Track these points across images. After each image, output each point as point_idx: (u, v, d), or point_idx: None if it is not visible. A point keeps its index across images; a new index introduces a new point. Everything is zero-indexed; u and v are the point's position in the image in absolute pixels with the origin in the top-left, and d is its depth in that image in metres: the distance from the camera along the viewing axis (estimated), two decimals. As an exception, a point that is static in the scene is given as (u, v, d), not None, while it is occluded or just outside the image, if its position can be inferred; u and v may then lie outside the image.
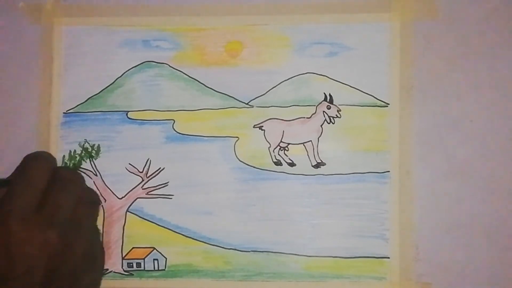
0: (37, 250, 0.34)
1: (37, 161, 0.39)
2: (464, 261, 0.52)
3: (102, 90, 0.56)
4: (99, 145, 0.55)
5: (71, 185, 0.38)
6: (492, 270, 0.51)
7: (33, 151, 0.39)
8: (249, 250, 0.53)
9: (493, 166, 0.52)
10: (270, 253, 0.53)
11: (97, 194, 0.41)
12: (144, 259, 0.53)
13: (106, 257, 0.53)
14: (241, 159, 0.54)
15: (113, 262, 0.54)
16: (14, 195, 0.35)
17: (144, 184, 0.55)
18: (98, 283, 0.41)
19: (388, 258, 0.52)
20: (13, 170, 0.57)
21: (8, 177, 0.40)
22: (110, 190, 0.55)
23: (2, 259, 0.33)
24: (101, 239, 0.41)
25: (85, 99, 0.56)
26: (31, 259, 0.34)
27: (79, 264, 0.36)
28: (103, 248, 0.41)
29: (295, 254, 0.53)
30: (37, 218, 0.35)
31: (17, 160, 0.57)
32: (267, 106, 0.54)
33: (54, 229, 0.35)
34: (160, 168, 0.54)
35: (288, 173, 0.54)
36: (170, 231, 0.54)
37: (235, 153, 0.54)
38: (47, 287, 0.34)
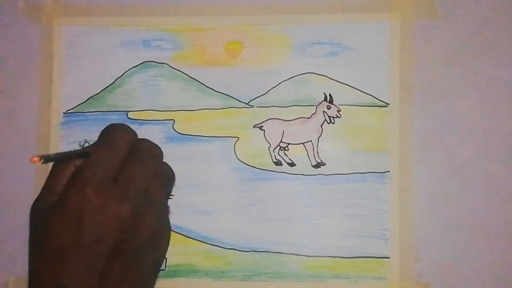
0: (109, 221, 0.34)
1: (118, 131, 0.39)
2: (464, 261, 0.52)
3: (102, 90, 0.56)
4: (99, 145, 0.55)
5: (149, 159, 0.38)
6: (492, 270, 0.51)
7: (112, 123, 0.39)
8: (249, 250, 0.53)
9: (493, 166, 0.52)
10: (270, 253, 0.53)
11: (172, 171, 0.41)
12: (144, 259, 0.53)
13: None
14: (241, 159, 0.54)
15: (113, 262, 0.54)
16: (94, 164, 0.35)
17: (144, 184, 0.54)
18: (161, 263, 0.41)
19: (388, 258, 0.52)
20: (13, 170, 0.57)
21: (88, 146, 0.40)
22: (110, 190, 0.54)
23: (73, 226, 0.33)
24: (169, 217, 0.40)
25: (85, 99, 0.56)
26: (102, 229, 0.34)
27: (146, 241, 0.36)
28: (170, 228, 0.41)
29: (295, 254, 0.53)
30: (113, 189, 0.35)
31: (17, 160, 0.57)
32: (267, 106, 0.54)
33: (127, 202, 0.35)
34: (160, 168, 0.54)
35: (288, 173, 0.54)
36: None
37: (235, 153, 0.54)
38: (113, 259, 0.34)
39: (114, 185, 0.35)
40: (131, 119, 0.55)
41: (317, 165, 0.53)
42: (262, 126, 0.54)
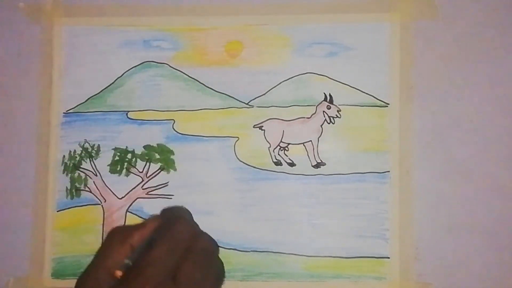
0: None
1: (181, 225, 0.38)
2: (464, 261, 0.52)
3: (102, 90, 0.56)
4: (99, 145, 0.55)
5: (207, 259, 0.38)
6: (492, 270, 0.51)
7: (173, 207, 0.40)
8: (249, 250, 0.53)
9: (493, 166, 0.52)
10: (270, 253, 0.53)
11: (224, 270, 0.40)
12: (144, 259, 0.53)
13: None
14: (241, 159, 0.54)
15: (113, 262, 0.54)
16: (155, 262, 0.35)
17: (144, 184, 0.55)
18: None
19: (388, 258, 0.52)
20: (13, 169, 0.57)
21: (148, 237, 0.39)
22: (110, 190, 0.55)
23: None
24: None
25: (85, 99, 0.56)
26: None
27: None
28: None
29: (295, 254, 0.53)
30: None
31: (17, 160, 0.57)
32: (267, 106, 0.54)
33: None
34: (160, 168, 0.54)
35: (288, 173, 0.54)
36: (170, 231, 0.54)
37: (235, 153, 0.54)
38: None
39: (173, 285, 0.35)
40: (131, 119, 0.55)
41: (317, 165, 0.53)
42: (262, 126, 0.54)
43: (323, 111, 0.54)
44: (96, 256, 0.36)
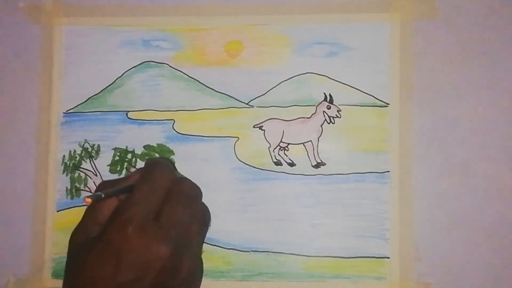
0: (148, 263, 0.34)
1: (161, 170, 0.38)
2: (464, 261, 0.52)
3: (102, 90, 0.56)
4: (99, 145, 0.55)
5: (190, 201, 0.38)
6: (492, 270, 0.51)
7: (156, 157, 0.40)
8: (249, 250, 0.53)
9: (493, 166, 0.52)
10: (270, 253, 0.53)
11: (209, 214, 0.41)
12: (144, 259, 0.53)
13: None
14: (241, 159, 0.54)
15: (113, 262, 0.54)
16: (136, 202, 0.35)
17: (144, 184, 0.54)
18: None
19: (388, 258, 0.52)
20: (13, 169, 0.57)
21: (131, 178, 0.40)
22: (110, 190, 0.55)
23: (111, 263, 0.33)
24: (201, 259, 0.40)
25: (85, 99, 0.56)
26: (140, 270, 0.33)
27: (181, 282, 0.36)
28: (202, 269, 0.41)
29: (295, 254, 0.53)
30: (154, 229, 0.35)
31: (17, 160, 0.57)
32: (267, 106, 0.54)
33: (168, 243, 0.34)
34: (160, 168, 0.55)
35: (288, 173, 0.54)
36: (170, 231, 0.54)
37: (235, 153, 0.54)
38: None
39: (156, 225, 0.35)
40: (131, 119, 0.55)
41: (317, 165, 0.53)
42: (262, 126, 0.54)
43: (323, 111, 0.54)
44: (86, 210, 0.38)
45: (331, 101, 0.54)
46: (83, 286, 0.33)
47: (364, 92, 0.54)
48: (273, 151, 0.54)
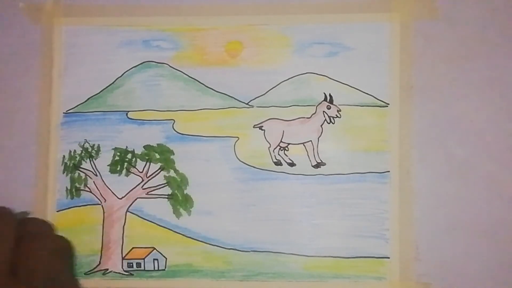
0: None
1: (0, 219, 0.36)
2: (464, 261, 0.52)
3: (102, 90, 0.56)
4: (99, 145, 0.55)
5: (42, 239, 0.36)
6: (492, 270, 0.51)
7: None
8: (249, 250, 0.53)
9: (493, 166, 0.52)
10: (270, 253, 0.53)
11: (69, 242, 0.38)
12: (144, 259, 0.53)
13: (106, 257, 0.53)
14: (241, 159, 0.54)
15: (113, 262, 0.54)
16: None
17: (144, 184, 0.55)
18: None
19: (388, 258, 0.52)
20: (13, 169, 0.57)
21: None
22: (110, 190, 0.55)
23: None
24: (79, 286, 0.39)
25: (85, 99, 0.56)
26: None
27: None
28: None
29: (295, 254, 0.53)
30: (14, 284, 0.33)
31: (17, 160, 0.57)
32: (267, 106, 0.54)
33: None
34: (160, 168, 0.54)
35: (288, 173, 0.54)
36: (170, 231, 0.54)
37: (235, 153, 0.54)
38: None
39: (14, 279, 0.33)
40: (131, 119, 0.55)
41: (317, 165, 0.53)
42: (262, 126, 0.54)
43: (323, 111, 0.54)
44: None
45: (331, 101, 0.54)
46: None
47: (364, 92, 0.54)
48: (273, 151, 0.54)
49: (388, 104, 0.54)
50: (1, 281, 0.32)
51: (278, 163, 0.54)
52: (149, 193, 0.54)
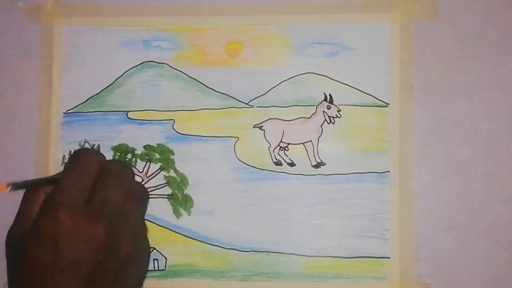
0: (84, 244, 0.34)
1: (86, 155, 0.39)
2: (464, 261, 0.52)
3: (102, 90, 0.56)
4: (99, 145, 0.55)
5: (120, 178, 0.38)
6: (492, 270, 0.51)
7: (80, 151, 0.40)
8: (249, 250, 0.53)
9: (493, 166, 0.52)
10: (270, 253, 0.53)
11: (146, 189, 0.41)
12: (144, 259, 0.53)
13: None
14: (241, 159, 0.54)
15: (113, 262, 0.54)
16: (65, 187, 0.35)
17: (144, 184, 0.55)
18: (142, 280, 0.41)
19: (388, 258, 0.52)
20: (13, 170, 0.57)
21: (58, 173, 0.40)
22: (110, 190, 0.54)
23: (49, 251, 0.33)
24: (147, 236, 0.40)
25: (85, 99, 0.56)
26: (78, 252, 0.34)
27: (124, 259, 0.36)
28: (149, 245, 0.41)
29: (295, 254, 0.53)
30: (86, 211, 0.35)
31: (17, 160, 0.57)
32: (267, 106, 0.54)
33: (102, 223, 0.35)
34: (160, 168, 0.55)
35: (288, 173, 0.54)
36: (170, 231, 0.54)
37: (235, 153, 0.54)
38: (92, 280, 0.34)
39: (87, 207, 0.35)
40: (131, 119, 0.55)
41: (317, 165, 0.53)
42: (262, 126, 0.54)
43: (323, 111, 0.54)
44: None
45: (331, 101, 0.54)
46: (27, 278, 0.33)
47: (364, 92, 0.54)
48: (273, 151, 0.54)
49: (388, 104, 0.54)
50: (76, 208, 0.34)
51: (278, 163, 0.54)
52: (149, 193, 0.54)
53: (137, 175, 0.55)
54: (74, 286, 0.33)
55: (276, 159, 0.54)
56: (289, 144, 0.54)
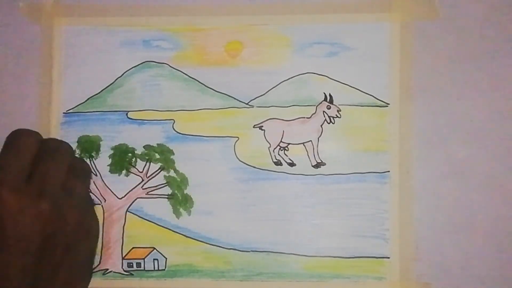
0: (30, 220, 0.34)
1: (23, 134, 0.39)
2: (464, 261, 0.52)
3: (102, 90, 0.56)
4: (99, 145, 0.55)
5: (60, 154, 0.38)
6: (492, 270, 0.51)
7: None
8: (249, 250, 0.53)
9: (493, 166, 0.52)
10: (270, 253, 0.53)
11: (87, 164, 0.41)
12: (144, 259, 0.53)
13: (106, 257, 0.53)
14: (241, 159, 0.54)
15: (113, 262, 0.54)
16: (4, 166, 0.36)
17: (144, 184, 0.55)
18: (94, 252, 0.42)
19: (388, 258, 0.52)
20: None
21: None
22: (110, 190, 0.55)
23: None
24: (94, 208, 0.41)
25: (85, 99, 0.56)
26: (24, 228, 0.34)
27: (72, 233, 0.37)
28: (96, 217, 0.41)
29: (295, 254, 0.53)
30: (28, 188, 0.35)
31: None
32: (267, 106, 0.54)
33: (46, 198, 0.35)
34: (160, 168, 0.55)
35: (288, 173, 0.54)
36: (170, 231, 0.54)
37: (235, 153, 0.54)
38: (42, 255, 0.34)
39: (29, 184, 0.35)
40: (131, 119, 0.55)
41: (317, 165, 0.53)
42: (262, 126, 0.54)
43: (323, 111, 0.54)
44: None
45: (331, 101, 0.54)
46: None
47: (364, 92, 0.54)
48: (273, 151, 0.54)
49: (388, 104, 0.54)
50: (17, 186, 0.34)
51: (278, 163, 0.54)
52: (149, 193, 0.54)
53: (137, 175, 0.55)
54: (24, 261, 0.34)
55: (276, 159, 0.54)
56: (289, 144, 0.54)
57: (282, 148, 0.54)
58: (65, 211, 0.36)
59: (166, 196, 0.54)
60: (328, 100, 0.54)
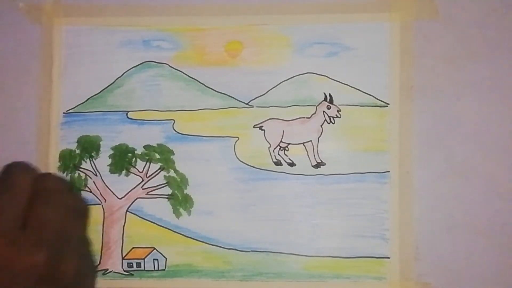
0: (25, 273, 0.33)
1: (17, 173, 0.37)
2: (464, 261, 0.52)
3: (102, 90, 0.56)
4: (99, 145, 0.55)
5: (56, 196, 0.37)
6: (492, 270, 0.51)
7: (14, 161, 0.38)
8: (249, 250, 0.53)
9: (493, 166, 0.52)
10: (270, 253, 0.53)
11: (85, 202, 0.39)
12: (144, 259, 0.53)
13: (106, 257, 0.54)
14: (241, 159, 0.54)
15: (113, 262, 0.54)
16: None
17: (144, 184, 0.55)
18: None
19: (388, 258, 0.52)
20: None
21: None
22: (110, 190, 0.55)
23: None
24: (92, 252, 0.40)
25: (85, 99, 0.56)
26: (19, 282, 0.33)
27: (69, 283, 0.35)
28: (93, 261, 0.40)
29: (295, 254, 0.53)
30: (24, 237, 0.33)
31: (17, 160, 0.57)
32: (267, 106, 0.54)
33: (41, 249, 0.33)
34: (160, 168, 0.55)
35: (288, 173, 0.54)
36: (170, 231, 0.54)
37: (235, 153, 0.54)
38: None
39: (25, 233, 0.33)
40: (131, 119, 0.55)
41: (317, 165, 0.53)
42: (262, 126, 0.54)
43: (323, 111, 0.54)
44: None
45: (331, 101, 0.54)
46: None
47: (364, 92, 0.54)
48: (273, 151, 0.54)
49: (388, 104, 0.54)
50: (11, 235, 0.32)
51: (278, 163, 0.54)
52: (149, 193, 0.54)
53: (137, 175, 0.55)
54: None
55: (276, 159, 0.54)
56: (289, 144, 0.54)
57: (282, 148, 0.54)
58: (62, 260, 0.35)
59: (166, 196, 0.54)
60: (328, 100, 0.54)
